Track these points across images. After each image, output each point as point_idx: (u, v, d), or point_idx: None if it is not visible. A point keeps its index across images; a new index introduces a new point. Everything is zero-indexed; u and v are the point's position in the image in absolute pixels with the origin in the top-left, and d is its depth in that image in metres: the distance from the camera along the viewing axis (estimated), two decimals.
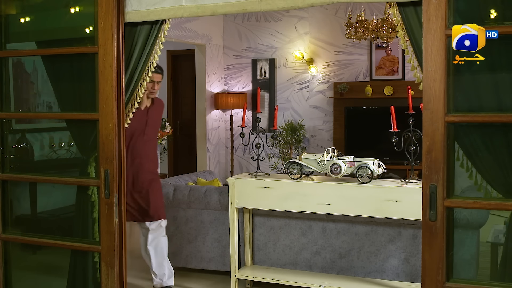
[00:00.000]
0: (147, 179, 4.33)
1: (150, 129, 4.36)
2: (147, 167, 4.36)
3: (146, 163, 4.35)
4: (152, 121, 4.37)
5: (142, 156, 4.33)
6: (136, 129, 4.26)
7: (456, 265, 2.42)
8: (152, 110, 4.39)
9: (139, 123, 4.25)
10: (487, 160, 2.39)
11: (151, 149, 4.43)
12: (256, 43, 8.62)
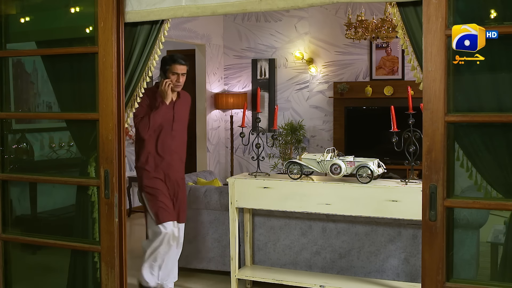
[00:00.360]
0: (178, 178, 4.22)
1: (178, 125, 4.17)
2: (177, 166, 4.22)
3: (177, 161, 4.21)
4: (179, 116, 4.18)
5: (172, 153, 4.17)
6: (163, 125, 4.11)
7: (456, 265, 2.42)
8: (178, 105, 4.19)
9: (166, 119, 4.10)
10: (487, 160, 2.39)
11: (181, 146, 4.25)
12: (256, 43, 8.62)
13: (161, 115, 4.06)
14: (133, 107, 3.01)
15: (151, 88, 4.24)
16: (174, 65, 4.07)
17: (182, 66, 4.07)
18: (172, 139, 4.15)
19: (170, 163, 4.16)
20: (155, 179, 4.14)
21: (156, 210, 4.09)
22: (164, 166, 4.14)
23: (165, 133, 4.12)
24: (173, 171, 4.17)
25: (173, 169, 4.18)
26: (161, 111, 4.06)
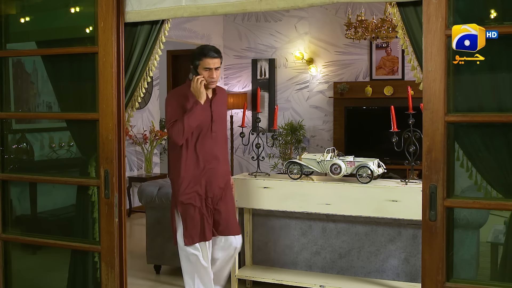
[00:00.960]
0: (221, 185, 3.73)
1: (217, 125, 3.69)
2: (221, 171, 3.72)
3: (219, 166, 3.71)
4: (218, 115, 3.70)
5: (214, 158, 3.67)
6: (201, 127, 3.62)
7: (456, 265, 2.42)
8: (216, 102, 3.70)
9: (204, 120, 3.61)
10: (487, 160, 2.39)
11: (223, 148, 3.77)
12: (256, 43, 8.62)
13: (196, 117, 3.55)
14: (134, 107, 3.01)
15: (182, 87, 3.75)
16: (205, 59, 3.53)
17: (215, 60, 3.55)
18: (213, 142, 3.66)
19: (213, 169, 3.67)
20: (192, 193, 3.64)
21: (185, 230, 3.63)
22: (206, 173, 3.65)
23: (204, 136, 3.63)
24: (217, 177, 3.69)
25: (217, 175, 3.69)
26: (196, 112, 3.55)
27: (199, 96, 3.54)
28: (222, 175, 3.71)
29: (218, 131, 3.68)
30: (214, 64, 3.54)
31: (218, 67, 3.57)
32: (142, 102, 7.63)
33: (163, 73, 9.20)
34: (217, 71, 3.58)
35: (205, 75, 3.55)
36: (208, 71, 3.54)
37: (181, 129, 3.53)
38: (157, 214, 4.83)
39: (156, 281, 4.83)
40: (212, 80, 3.57)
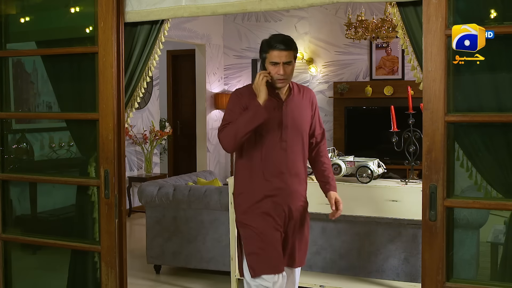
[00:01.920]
0: (297, 208, 2.99)
1: (290, 133, 2.92)
2: (294, 191, 2.96)
3: (292, 184, 2.95)
4: (291, 121, 2.93)
5: (284, 173, 2.92)
6: (267, 134, 2.89)
7: (456, 265, 2.42)
8: (290, 104, 2.94)
9: (269, 124, 2.88)
10: (487, 160, 2.39)
11: (297, 163, 2.96)
12: (256, 43, 8.61)
13: (251, 120, 2.82)
14: (133, 107, 3.01)
15: (251, 84, 3.02)
16: (271, 52, 2.86)
17: (283, 53, 2.84)
18: (282, 154, 2.91)
19: (282, 189, 2.93)
20: (254, 214, 2.93)
21: (251, 259, 2.92)
22: (272, 193, 2.92)
23: (271, 145, 2.91)
24: (287, 198, 2.94)
25: (288, 196, 2.94)
26: (251, 113, 2.83)
27: (259, 95, 2.85)
28: (294, 196, 2.95)
29: (291, 140, 2.92)
30: (281, 57, 2.84)
31: (288, 62, 2.86)
32: (142, 102, 7.63)
33: (163, 73, 9.20)
34: (288, 67, 2.86)
35: (271, 70, 2.86)
36: (275, 66, 2.85)
37: (230, 134, 2.84)
38: (157, 214, 4.84)
39: (156, 281, 4.83)
40: (279, 77, 2.86)
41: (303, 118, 2.99)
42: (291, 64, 2.88)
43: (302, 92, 3.04)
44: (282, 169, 2.92)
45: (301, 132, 2.97)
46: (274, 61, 2.84)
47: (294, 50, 2.89)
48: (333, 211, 3.04)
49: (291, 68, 2.88)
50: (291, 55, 2.88)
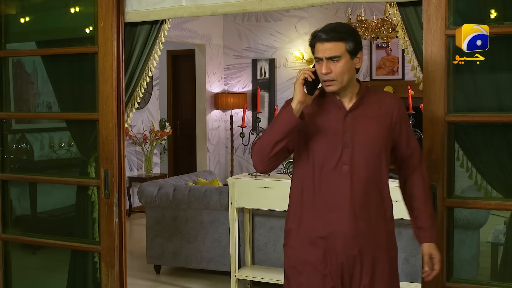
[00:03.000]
0: (371, 259, 2.15)
1: (354, 153, 2.15)
2: (364, 234, 2.15)
3: (361, 225, 2.14)
4: (356, 137, 2.16)
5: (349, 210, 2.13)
6: (326, 155, 2.18)
7: (456, 265, 2.42)
8: (356, 115, 2.18)
9: (328, 142, 2.18)
10: (487, 160, 2.39)
11: (370, 193, 2.17)
12: (256, 43, 8.62)
13: (281, 128, 2.18)
14: (133, 107, 3.01)
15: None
16: (316, 45, 2.15)
17: (326, 44, 2.11)
18: (343, 181, 2.15)
19: (339, 230, 2.15)
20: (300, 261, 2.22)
21: None
22: (327, 232, 2.16)
23: (328, 169, 2.18)
24: (347, 243, 2.14)
25: (347, 239, 2.14)
26: (281, 120, 2.20)
27: (293, 99, 2.16)
28: (361, 241, 2.14)
29: (357, 164, 2.15)
30: (324, 51, 2.11)
31: (334, 57, 2.10)
32: (142, 102, 7.63)
33: (163, 73, 9.20)
34: (335, 64, 2.11)
35: (317, 69, 2.15)
36: (318, 63, 2.14)
37: (258, 148, 2.21)
38: (157, 214, 4.84)
39: (156, 281, 4.83)
40: (324, 78, 2.13)
41: (375, 134, 2.17)
42: (340, 60, 2.10)
43: (379, 100, 2.21)
44: (341, 202, 2.14)
45: (372, 153, 2.16)
46: (317, 57, 2.14)
47: (343, 40, 2.10)
48: (426, 270, 2.21)
49: (340, 66, 2.10)
50: (339, 48, 2.10)
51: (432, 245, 2.20)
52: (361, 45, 2.15)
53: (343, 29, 2.13)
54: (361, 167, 2.15)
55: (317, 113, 2.21)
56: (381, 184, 2.20)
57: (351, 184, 2.14)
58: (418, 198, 2.27)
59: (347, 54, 2.11)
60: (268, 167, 2.21)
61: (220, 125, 8.75)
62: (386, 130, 2.19)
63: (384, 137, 2.19)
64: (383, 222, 2.19)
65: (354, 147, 2.15)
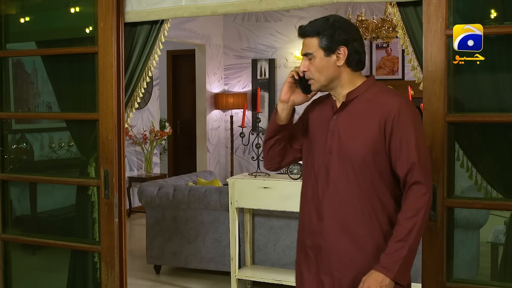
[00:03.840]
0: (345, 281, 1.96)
1: (337, 162, 1.97)
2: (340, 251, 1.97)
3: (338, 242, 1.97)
4: (341, 145, 1.96)
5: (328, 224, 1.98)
6: (315, 161, 2.04)
7: (456, 265, 2.42)
8: (342, 118, 2.00)
9: (317, 147, 2.05)
10: (487, 160, 2.39)
11: (350, 210, 1.95)
12: (256, 43, 8.62)
13: (269, 130, 2.13)
14: (133, 107, 3.01)
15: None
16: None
17: (305, 40, 1.99)
18: (323, 191, 2.00)
19: (317, 245, 2.02)
20: (298, 265, 2.13)
21: None
22: (313, 250, 2.04)
23: (312, 176, 2.05)
24: (324, 260, 2.00)
25: (323, 255, 2.00)
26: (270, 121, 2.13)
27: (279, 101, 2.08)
28: (336, 258, 1.97)
29: (338, 174, 1.96)
30: (304, 47, 1.99)
31: (307, 54, 1.97)
32: (142, 102, 7.63)
33: (163, 73, 9.20)
34: (311, 61, 1.97)
35: (304, 65, 2.00)
36: (307, 61, 1.99)
37: (266, 154, 2.17)
38: (157, 214, 4.83)
39: (156, 281, 4.83)
40: (307, 77, 2.01)
41: (359, 141, 1.93)
42: (313, 57, 1.95)
43: (374, 100, 1.96)
44: (321, 213, 1.98)
45: (356, 162, 1.92)
46: (301, 53, 2.02)
47: (316, 36, 1.94)
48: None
49: (314, 64, 1.96)
50: (311, 44, 1.95)
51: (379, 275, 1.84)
52: (342, 40, 1.92)
53: (318, 23, 1.95)
54: (342, 178, 1.95)
55: (316, 113, 2.11)
56: (366, 201, 1.92)
57: (330, 196, 1.97)
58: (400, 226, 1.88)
59: (320, 51, 1.94)
60: (269, 164, 2.18)
61: (220, 125, 8.75)
62: (373, 137, 1.91)
63: (371, 143, 1.91)
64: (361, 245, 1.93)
65: (334, 154, 1.97)
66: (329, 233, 1.97)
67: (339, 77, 1.98)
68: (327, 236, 1.98)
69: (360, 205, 1.93)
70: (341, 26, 1.95)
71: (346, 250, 1.95)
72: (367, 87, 2.00)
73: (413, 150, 1.88)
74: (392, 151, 1.91)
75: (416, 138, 1.89)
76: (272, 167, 2.18)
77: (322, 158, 2.00)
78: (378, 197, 1.94)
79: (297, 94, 2.05)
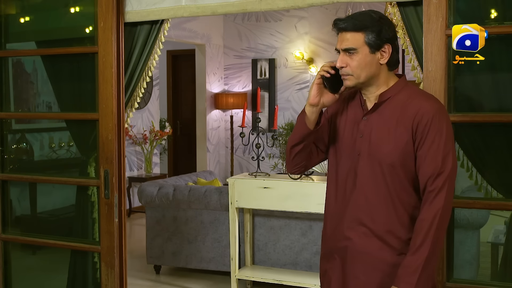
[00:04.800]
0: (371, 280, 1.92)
1: (366, 163, 1.93)
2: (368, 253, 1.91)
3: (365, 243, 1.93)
4: (368, 144, 1.92)
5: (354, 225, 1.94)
6: (342, 163, 2.00)
7: (456, 265, 2.42)
8: (374, 119, 1.94)
9: (344, 148, 2.00)
10: (488, 160, 2.39)
11: (379, 211, 1.91)
12: (256, 43, 8.62)
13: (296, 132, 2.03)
14: (133, 107, 3.01)
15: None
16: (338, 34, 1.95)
17: (343, 35, 1.91)
18: (351, 192, 1.97)
19: (343, 245, 1.97)
20: (323, 273, 2.08)
21: None
22: (339, 254, 1.99)
23: (340, 177, 2.01)
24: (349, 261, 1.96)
25: (349, 256, 1.96)
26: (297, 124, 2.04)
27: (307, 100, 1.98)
28: (362, 260, 1.93)
29: (366, 175, 1.92)
30: (341, 42, 1.91)
31: (350, 49, 1.88)
32: (142, 102, 7.63)
33: (163, 73, 9.20)
34: (352, 56, 1.89)
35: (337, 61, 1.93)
36: (339, 54, 1.93)
37: (290, 160, 2.09)
38: (157, 214, 4.83)
39: (156, 281, 4.83)
40: (340, 72, 1.93)
41: (389, 142, 1.89)
42: (356, 53, 1.87)
43: (407, 103, 1.89)
44: (347, 215, 1.95)
45: (385, 165, 1.89)
46: (336, 47, 1.94)
47: (361, 31, 1.86)
48: None
49: (356, 60, 1.87)
50: (356, 39, 1.87)
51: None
52: (389, 38, 1.87)
53: (365, 17, 1.87)
54: (370, 179, 1.90)
55: (344, 113, 2.01)
56: (395, 201, 1.88)
57: (357, 197, 1.93)
58: (416, 235, 1.84)
59: (366, 47, 1.86)
60: (294, 168, 2.09)
61: (220, 125, 8.75)
62: (403, 140, 1.86)
63: (402, 146, 1.86)
64: (390, 246, 1.89)
65: (364, 155, 1.92)
66: (354, 236, 1.93)
67: (378, 76, 1.91)
68: (352, 239, 1.94)
69: (388, 207, 1.89)
70: (387, 22, 1.90)
71: (372, 252, 1.91)
72: (400, 88, 1.93)
73: (439, 159, 1.83)
74: (418, 156, 1.86)
75: (445, 147, 1.84)
76: (297, 171, 2.11)
77: (351, 160, 1.95)
78: (405, 200, 1.90)
79: (325, 95, 1.95)
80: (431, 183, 1.83)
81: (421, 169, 1.86)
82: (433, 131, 1.83)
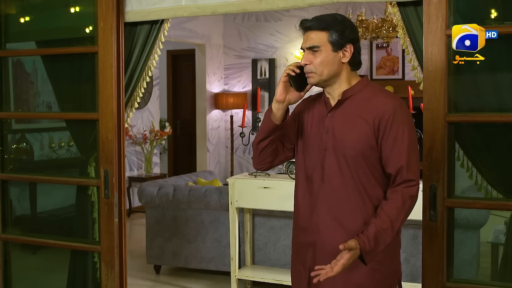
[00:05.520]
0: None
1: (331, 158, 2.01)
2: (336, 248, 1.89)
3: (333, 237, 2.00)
4: (333, 139, 2.02)
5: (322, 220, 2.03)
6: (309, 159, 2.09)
7: (456, 265, 2.42)
8: (337, 115, 2.04)
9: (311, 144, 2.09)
10: (488, 160, 2.39)
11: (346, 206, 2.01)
12: (256, 43, 8.62)
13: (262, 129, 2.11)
14: (133, 107, 3.01)
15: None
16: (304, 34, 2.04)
17: (309, 33, 2.00)
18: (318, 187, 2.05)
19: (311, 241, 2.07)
20: (294, 265, 2.17)
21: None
22: (309, 247, 2.08)
23: (307, 172, 2.09)
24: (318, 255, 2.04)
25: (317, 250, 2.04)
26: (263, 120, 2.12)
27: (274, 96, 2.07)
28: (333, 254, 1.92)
29: (332, 169, 2.00)
30: (305, 40, 2.01)
31: (313, 47, 1.98)
32: (142, 102, 7.63)
33: (163, 73, 9.20)
34: (316, 54, 1.98)
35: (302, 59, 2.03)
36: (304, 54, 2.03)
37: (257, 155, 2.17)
38: (157, 214, 4.83)
39: (156, 281, 4.83)
40: (305, 69, 2.01)
41: (353, 137, 1.98)
42: (320, 51, 1.96)
43: (370, 99, 2.01)
44: (315, 210, 2.03)
45: (348, 159, 1.97)
46: (301, 47, 2.04)
47: (325, 30, 1.96)
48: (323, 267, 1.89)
49: (319, 57, 1.97)
50: (320, 38, 1.96)
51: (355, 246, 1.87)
52: (351, 39, 1.98)
53: (329, 18, 1.99)
54: (335, 173, 2.00)
55: (310, 111, 2.12)
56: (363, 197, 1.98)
57: (325, 192, 2.02)
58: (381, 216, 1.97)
59: (329, 45, 1.97)
60: (260, 164, 2.17)
61: (220, 125, 8.75)
62: (366, 135, 1.97)
63: (364, 140, 1.96)
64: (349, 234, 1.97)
65: (329, 150, 2.01)
66: (324, 229, 2.03)
67: (340, 74, 2.02)
68: (323, 232, 2.03)
69: (355, 199, 1.99)
70: (350, 25, 2.02)
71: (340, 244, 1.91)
72: (362, 87, 2.05)
73: (404, 152, 1.95)
74: (383, 150, 1.97)
75: (409, 140, 1.96)
76: (263, 167, 2.19)
77: (317, 155, 2.05)
78: (370, 192, 2.00)
79: (291, 92, 2.06)
80: (400, 175, 1.96)
81: (388, 163, 1.97)
82: (395, 126, 1.95)
